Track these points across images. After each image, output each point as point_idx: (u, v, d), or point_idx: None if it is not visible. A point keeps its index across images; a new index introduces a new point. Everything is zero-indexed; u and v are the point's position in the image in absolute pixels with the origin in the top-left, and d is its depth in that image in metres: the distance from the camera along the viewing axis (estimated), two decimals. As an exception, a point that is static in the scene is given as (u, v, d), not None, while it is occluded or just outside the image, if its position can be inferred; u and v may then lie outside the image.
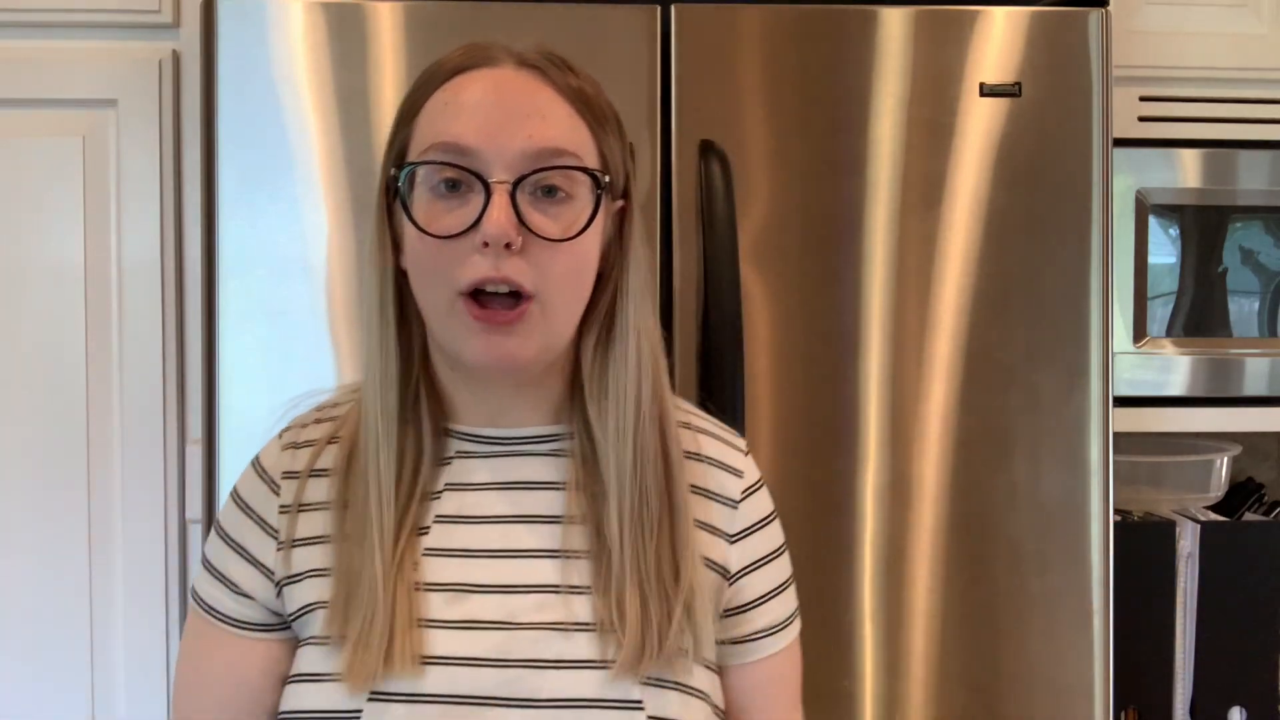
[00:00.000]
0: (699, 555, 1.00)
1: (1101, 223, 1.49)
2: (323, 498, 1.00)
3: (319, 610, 0.97)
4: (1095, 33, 1.49)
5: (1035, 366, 1.49)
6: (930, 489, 1.48)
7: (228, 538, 1.03)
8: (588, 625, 0.95)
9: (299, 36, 1.42)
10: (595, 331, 0.99)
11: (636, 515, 0.96)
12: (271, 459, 1.04)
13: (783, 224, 1.47)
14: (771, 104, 1.46)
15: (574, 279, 0.95)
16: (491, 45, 0.97)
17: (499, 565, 0.97)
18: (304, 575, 0.99)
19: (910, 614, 1.47)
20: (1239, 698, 1.76)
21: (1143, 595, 1.73)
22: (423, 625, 0.94)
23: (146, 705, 1.62)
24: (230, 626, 1.02)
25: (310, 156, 1.43)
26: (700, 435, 1.06)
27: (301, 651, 0.98)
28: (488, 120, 0.92)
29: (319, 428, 1.04)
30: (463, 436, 1.02)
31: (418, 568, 0.97)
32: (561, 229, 0.93)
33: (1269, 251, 1.81)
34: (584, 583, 0.96)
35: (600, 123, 0.97)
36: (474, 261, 0.91)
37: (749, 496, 1.05)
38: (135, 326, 1.61)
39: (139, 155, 1.61)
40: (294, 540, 1.00)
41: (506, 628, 0.95)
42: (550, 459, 1.02)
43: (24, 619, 1.62)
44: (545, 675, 0.93)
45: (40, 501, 1.62)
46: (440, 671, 0.93)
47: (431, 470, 1.00)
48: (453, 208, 0.93)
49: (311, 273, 1.43)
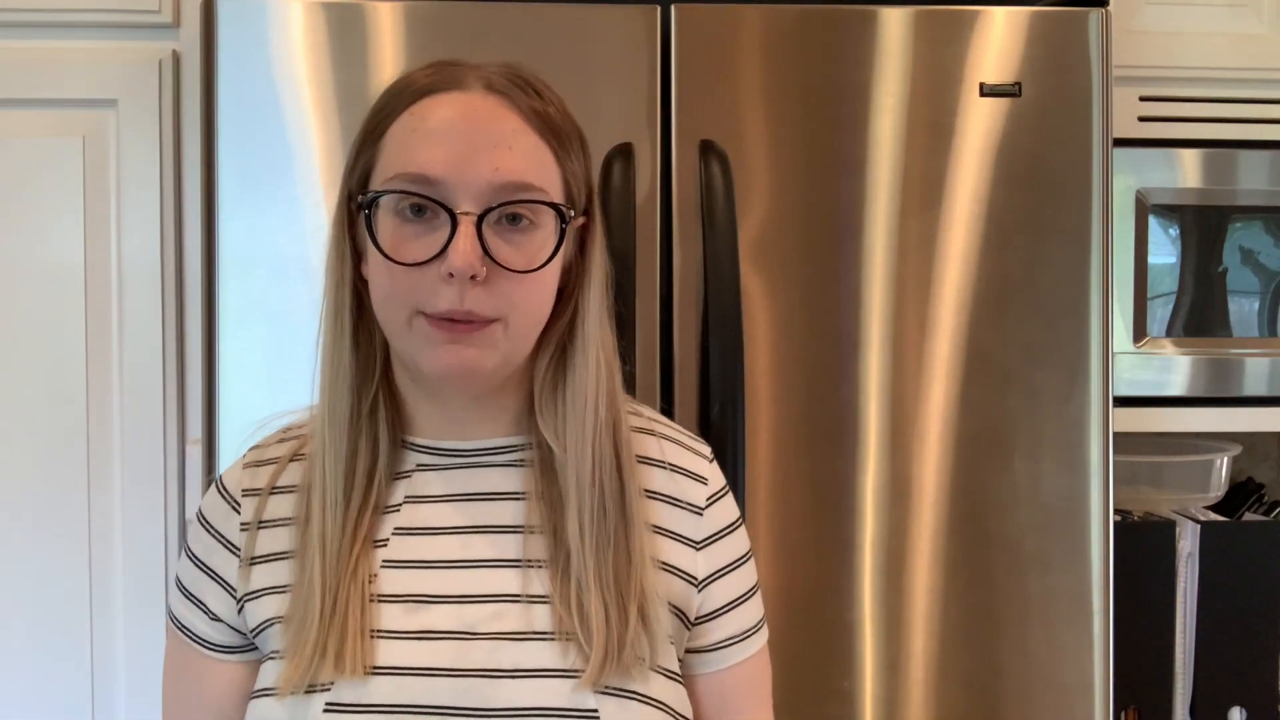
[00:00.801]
0: (655, 560, 1.00)
1: (1101, 223, 1.49)
2: (285, 514, 1.01)
3: (277, 625, 0.98)
4: (1095, 33, 1.49)
5: (1035, 366, 1.49)
6: (930, 489, 1.48)
7: (196, 559, 1.05)
8: (547, 634, 0.96)
9: (299, 36, 1.42)
10: (553, 345, 1.00)
11: (596, 523, 0.97)
12: (233, 478, 1.05)
13: (783, 224, 1.47)
14: (771, 104, 1.46)
15: (536, 304, 0.96)
16: (459, 65, 0.97)
17: (456, 576, 0.98)
18: (263, 592, 1.00)
19: (910, 614, 1.47)
20: (1239, 698, 1.76)
21: (1143, 595, 1.73)
22: (378, 636, 0.95)
23: (146, 705, 1.62)
24: (202, 648, 1.04)
25: (310, 156, 1.43)
26: (664, 442, 1.06)
27: (263, 667, 0.99)
28: (454, 150, 0.92)
29: (281, 446, 1.06)
30: (422, 449, 1.03)
31: (375, 579, 0.97)
32: (526, 259, 0.94)
33: (1269, 251, 1.81)
34: (544, 591, 0.97)
35: (565, 146, 0.97)
36: (439, 291, 0.92)
37: (714, 503, 1.05)
38: (135, 326, 1.61)
39: (139, 155, 1.61)
40: (253, 557, 1.01)
41: (463, 638, 0.95)
42: (510, 469, 1.02)
43: (24, 619, 1.62)
44: (500, 684, 0.94)
45: (40, 501, 1.62)
46: (394, 681, 0.93)
47: (388, 482, 1.01)
48: (419, 234, 0.93)
49: (311, 273, 1.42)
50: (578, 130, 1.00)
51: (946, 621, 1.48)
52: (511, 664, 0.94)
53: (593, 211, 1.01)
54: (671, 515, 1.03)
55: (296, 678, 0.93)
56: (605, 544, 0.97)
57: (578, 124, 1.00)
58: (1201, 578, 1.75)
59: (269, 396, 1.42)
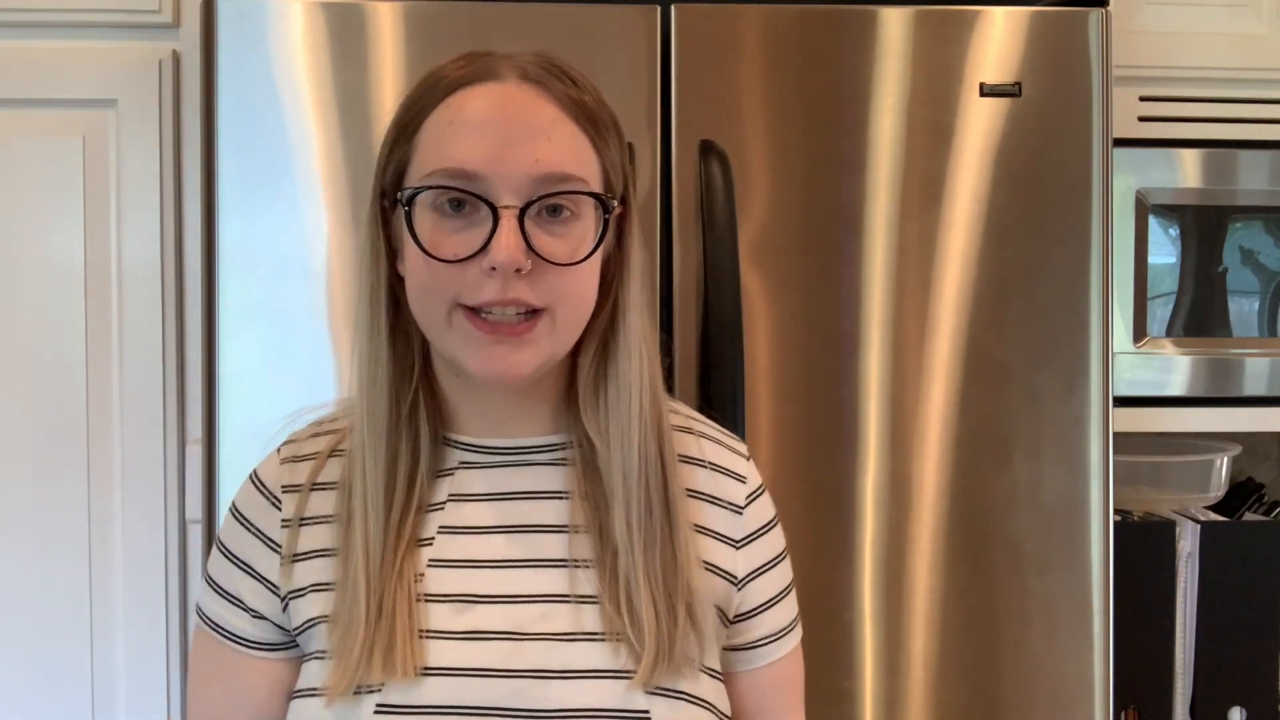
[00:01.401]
0: (699, 560, 1.00)
1: (1101, 223, 1.49)
2: (326, 511, 1.00)
3: (321, 625, 0.97)
4: (1095, 33, 1.49)
5: (1035, 366, 1.49)
6: (930, 489, 1.48)
7: (231, 555, 1.02)
8: (597, 635, 0.95)
9: (299, 36, 1.42)
10: (595, 340, 0.99)
11: (642, 521, 0.96)
12: (271, 474, 1.03)
13: (783, 224, 1.47)
14: (771, 104, 1.46)
15: (581, 296, 0.95)
16: (492, 56, 0.95)
17: (504, 575, 0.97)
18: (307, 590, 0.99)
19: (910, 614, 1.47)
20: (1239, 698, 1.76)
21: (1143, 595, 1.73)
22: (427, 636, 0.94)
23: (146, 705, 1.62)
24: (239, 646, 1.02)
25: (310, 156, 1.43)
26: (703, 440, 1.05)
27: (306, 666, 0.98)
28: (493, 143, 0.91)
29: (318, 441, 1.04)
30: (465, 447, 1.02)
31: (422, 579, 0.96)
32: (568, 251, 0.92)
33: (1269, 251, 1.81)
34: (592, 592, 0.96)
35: (602, 134, 0.96)
36: (481, 283, 0.91)
37: (753, 501, 1.05)
38: (135, 326, 1.61)
39: (139, 155, 1.61)
40: (295, 555, 1.00)
41: (512, 638, 0.94)
42: (552, 468, 1.01)
43: (24, 619, 1.62)
44: (550, 685, 0.93)
45: (40, 501, 1.62)
46: (445, 682, 0.93)
47: (431, 480, 0.99)
48: (459, 229, 0.92)
49: (311, 273, 1.43)
50: (613, 118, 0.98)
51: (946, 621, 1.48)
52: (562, 665, 0.94)
53: (630, 201, 1.00)
54: (712, 514, 1.03)
55: (345, 682, 0.92)
56: (652, 542, 0.96)
57: (613, 112, 0.98)
58: (1201, 578, 1.74)
59: (269, 396, 1.42)
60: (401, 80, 1.42)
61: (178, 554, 1.62)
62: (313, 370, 1.43)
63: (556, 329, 0.94)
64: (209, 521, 1.43)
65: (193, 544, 1.61)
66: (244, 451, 1.42)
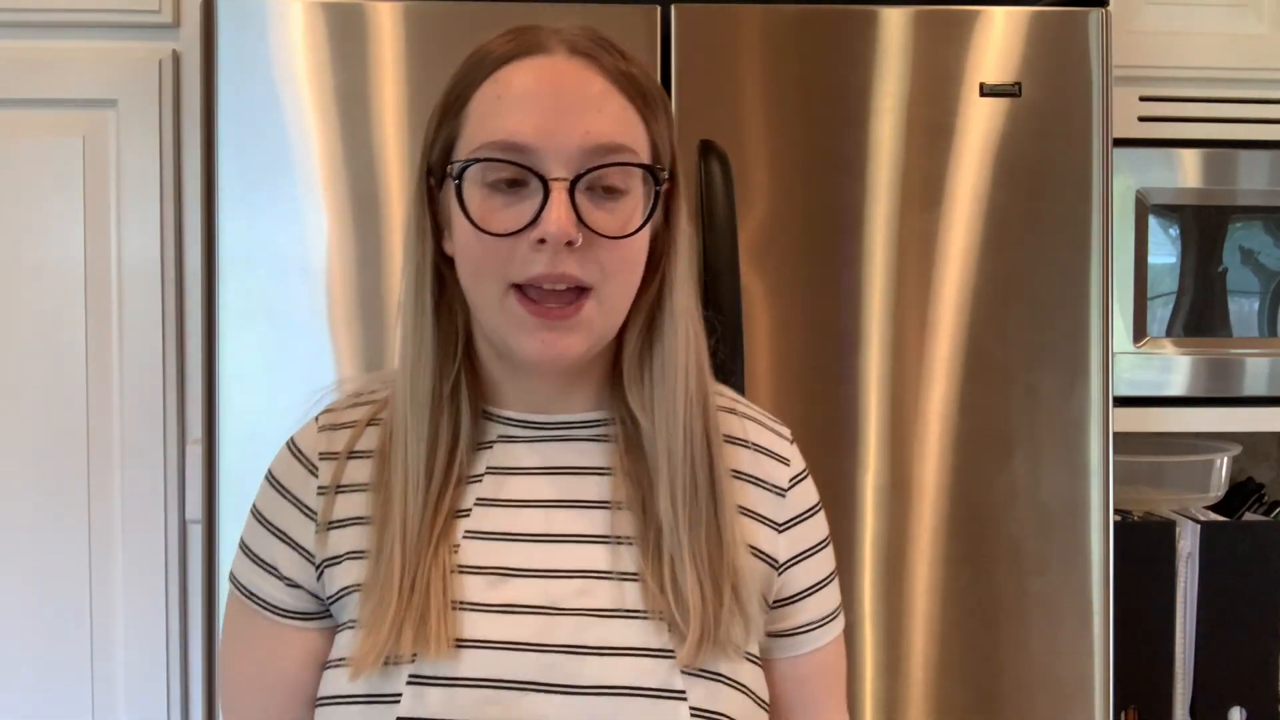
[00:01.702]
0: (743, 542, 0.99)
1: (1101, 223, 1.49)
2: (362, 479, 0.99)
3: (355, 593, 0.96)
4: (1095, 33, 1.49)
5: (1035, 366, 1.49)
6: (930, 489, 1.48)
7: (267, 522, 1.02)
8: (637, 612, 0.94)
9: (299, 36, 1.42)
10: (641, 317, 0.98)
11: (688, 500, 0.95)
12: (308, 441, 1.03)
13: (783, 224, 1.47)
14: (771, 104, 1.46)
15: (629, 271, 0.94)
16: (539, 29, 0.95)
17: (541, 550, 0.96)
18: (342, 557, 0.98)
19: (910, 614, 1.47)
20: (1239, 698, 1.76)
21: (1143, 595, 1.73)
22: (461, 608, 0.93)
23: (146, 705, 1.62)
24: (271, 614, 1.01)
25: (310, 156, 1.43)
26: (747, 421, 1.05)
27: (339, 636, 0.97)
28: (543, 115, 0.90)
29: (357, 410, 1.03)
30: (505, 421, 1.01)
31: (458, 550, 0.96)
32: (618, 225, 0.92)
33: (1269, 251, 1.81)
34: (633, 568, 0.95)
35: (650, 107, 0.95)
36: (530, 258, 0.90)
37: (797, 484, 1.04)
38: (135, 326, 1.61)
39: (139, 155, 1.61)
40: (331, 522, 0.99)
41: (547, 613, 0.94)
42: (594, 444, 1.01)
43: (24, 619, 1.62)
44: (586, 661, 0.92)
45: (40, 501, 1.62)
46: (478, 655, 0.92)
47: (470, 454, 0.99)
48: (509, 203, 0.91)
49: (311, 273, 1.43)
50: (661, 93, 0.97)
51: (946, 621, 1.48)
52: (598, 641, 0.93)
53: (677, 176, 0.98)
54: (755, 496, 1.02)
55: (373, 655, 0.91)
56: (698, 522, 0.95)
57: (661, 87, 0.98)
58: (1201, 578, 1.74)
59: (269, 396, 1.42)
60: (402, 80, 1.42)
61: (178, 554, 1.62)
62: (313, 370, 1.43)
63: (603, 308, 0.93)
64: (209, 521, 1.43)
65: (193, 544, 1.61)
66: (244, 451, 1.42)
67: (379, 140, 1.43)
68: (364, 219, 1.43)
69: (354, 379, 1.07)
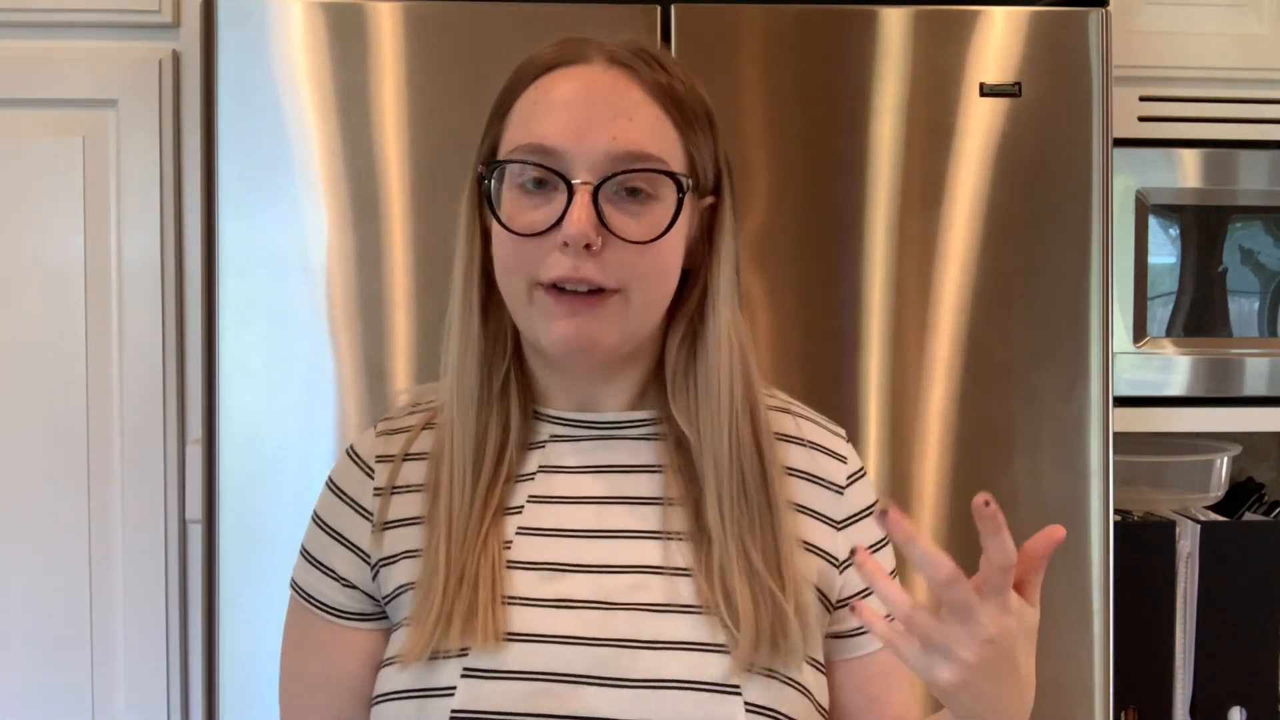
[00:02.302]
0: (801, 543, 1.00)
1: (1101, 223, 1.49)
2: (418, 480, 1.01)
3: (410, 591, 0.98)
4: (1095, 33, 1.49)
5: (1035, 366, 1.49)
6: (930, 489, 1.48)
7: (325, 526, 1.04)
8: (691, 607, 0.95)
9: (299, 36, 1.42)
10: (683, 328, 1.00)
11: (736, 508, 0.96)
12: (365, 445, 1.05)
13: (783, 224, 1.47)
14: (771, 104, 1.46)
15: (655, 277, 0.96)
16: (585, 41, 0.98)
17: (593, 545, 0.98)
18: (399, 556, 1.00)
19: (910, 614, 1.47)
20: (1239, 698, 1.76)
21: (1143, 595, 1.73)
22: (513, 603, 0.95)
23: (146, 705, 1.62)
24: (331, 616, 1.03)
25: (310, 156, 1.43)
26: (801, 420, 1.06)
27: (396, 634, 0.99)
28: (574, 121, 0.93)
29: (413, 416, 1.06)
30: (555, 420, 1.03)
31: (510, 547, 0.97)
32: (644, 230, 0.93)
33: (1269, 251, 1.81)
34: (685, 564, 0.97)
35: (689, 120, 0.97)
36: (555, 259, 0.92)
37: (854, 482, 1.05)
38: (135, 326, 1.61)
39: (139, 155, 1.61)
40: (387, 522, 1.01)
41: (601, 607, 0.95)
42: (643, 442, 1.02)
43: (24, 619, 1.62)
44: (640, 655, 0.93)
45: (40, 501, 1.62)
46: (531, 649, 0.93)
47: (521, 452, 1.01)
48: (537, 204, 0.94)
49: (311, 273, 1.43)
50: (705, 107, 0.99)
51: (946, 621, 1.48)
52: (652, 635, 0.94)
53: (724, 192, 1.00)
54: (812, 493, 1.03)
55: (419, 647, 0.93)
56: (749, 528, 0.96)
57: (707, 102, 0.99)
58: (1201, 578, 1.74)
59: (269, 396, 1.42)
60: (402, 80, 1.42)
61: (178, 554, 1.62)
62: (313, 370, 1.43)
63: (631, 309, 0.95)
64: (209, 521, 1.43)
65: (193, 544, 1.61)
66: (244, 451, 1.42)
67: (379, 140, 1.43)
68: (364, 219, 1.43)
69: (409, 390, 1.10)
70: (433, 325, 1.42)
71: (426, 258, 1.42)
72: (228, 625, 1.42)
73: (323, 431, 1.43)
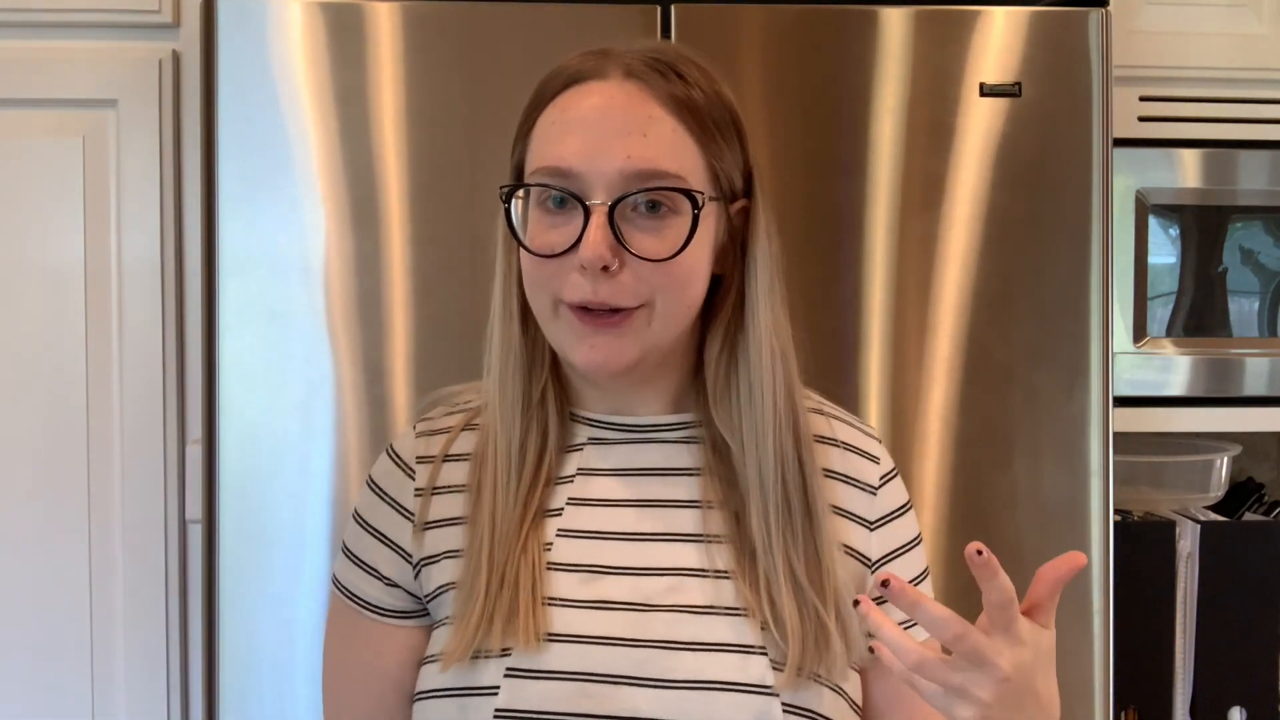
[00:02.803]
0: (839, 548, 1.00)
1: (1101, 223, 1.49)
2: (458, 480, 1.03)
3: (452, 590, 0.99)
4: (1095, 33, 1.49)
5: (1035, 366, 1.49)
6: (930, 489, 1.48)
7: (366, 525, 1.05)
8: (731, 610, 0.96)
9: (299, 36, 1.42)
10: (721, 335, 1.00)
11: (782, 519, 0.97)
12: (406, 446, 1.06)
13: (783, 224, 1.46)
14: (771, 104, 1.46)
15: (679, 290, 0.96)
16: (605, 54, 0.97)
17: (632, 548, 0.99)
18: (440, 556, 1.01)
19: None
20: (1239, 698, 1.76)
21: (1143, 595, 1.73)
22: (553, 604, 0.96)
23: (146, 705, 1.62)
24: (373, 614, 1.04)
25: (310, 156, 1.43)
26: (834, 421, 1.07)
27: (436, 633, 1.00)
28: (588, 141, 0.93)
29: (452, 417, 1.07)
30: (593, 423, 1.04)
31: (550, 548, 0.98)
32: (664, 246, 0.93)
33: (1269, 251, 1.81)
34: (727, 567, 0.97)
35: (708, 131, 0.96)
36: (575, 281, 0.93)
37: (887, 483, 1.05)
38: (135, 326, 1.61)
39: (139, 155, 1.61)
40: (428, 522, 1.02)
41: (639, 609, 0.96)
42: (681, 445, 1.03)
43: (24, 619, 1.62)
44: (680, 656, 0.94)
45: (40, 501, 1.62)
46: (572, 649, 0.94)
47: (560, 456, 1.02)
48: (558, 224, 0.94)
49: (311, 273, 1.43)
50: (729, 112, 0.99)
51: (946, 621, 1.48)
52: (691, 637, 0.95)
53: (755, 195, 1.00)
54: (846, 494, 1.03)
55: (462, 647, 0.94)
56: (793, 539, 0.97)
57: (732, 106, 0.99)
58: (1201, 578, 1.74)
59: (269, 396, 1.42)
60: (401, 80, 1.42)
61: (178, 554, 1.62)
62: (313, 370, 1.43)
63: (655, 319, 0.95)
64: (209, 521, 1.43)
65: (192, 544, 1.61)
66: (244, 451, 1.42)
67: (378, 140, 1.43)
68: (363, 219, 1.43)
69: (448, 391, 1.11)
70: (432, 325, 1.43)
71: (426, 258, 1.42)
72: (228, 625, 1.42)
73: (322, 431, 1.43)
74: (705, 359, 1.01)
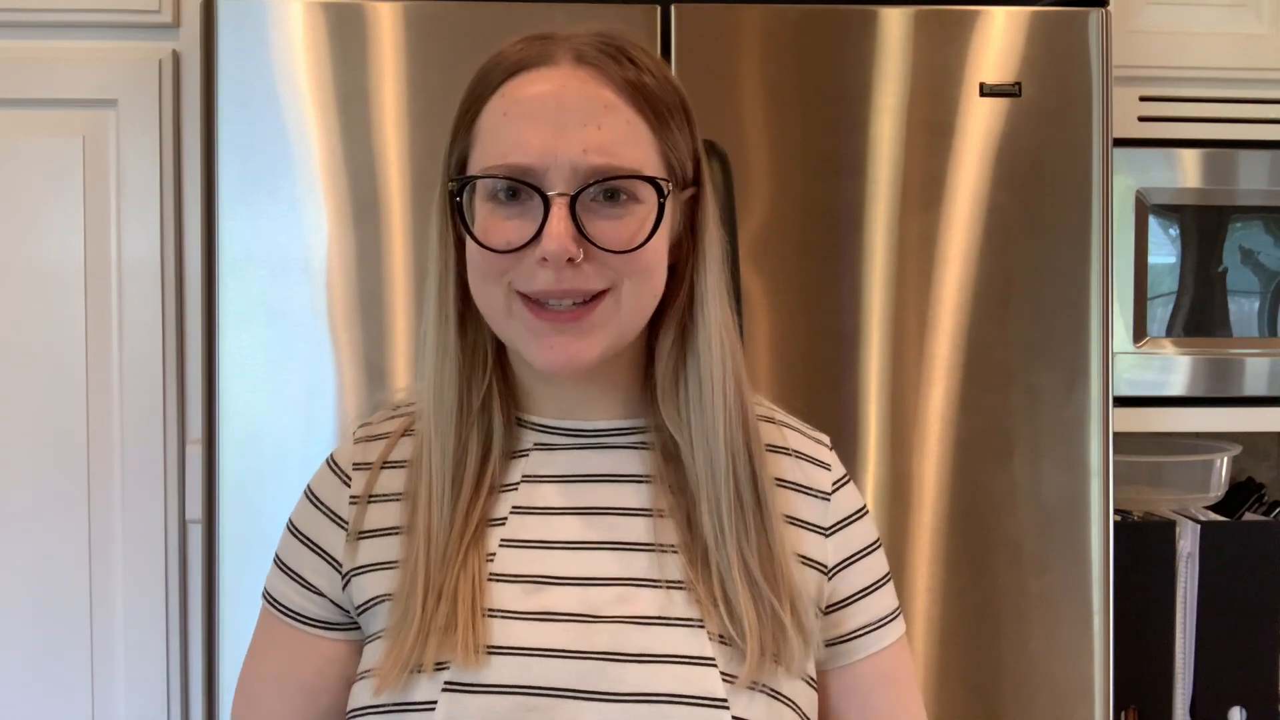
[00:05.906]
0: (797, 556, 0.98)
1: (1101, 223, 1.49)
2: (396, 489, 0.99)
3: (385, 602, 0.96)
4: (1095, 33, 1.49)
5: (1035, 366, 1.49)
6: (930, 489, 1.48)
7: (299, 533, 1.03)
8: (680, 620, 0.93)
9: (299, 36, 1.42)
10: (672, 329, 0.97)
11: (734, 513, 0.94)
12: (344, 453, 1.03)
13: (783, 224, 1.47)
14: (771, 104, 1.46)
15: (645, 276, 0.93)
16: (550, 39, 0.94)
17: (578, 557, 0.95)
18: (372, 567, 0.98)
19: (910, 614, 1.47)
20: (1239, 698, 1.76)
21: (1143, 595, 1.73)
22: (495, 616, 0.92)
23: (146, 705, 1.62)
24: (294, 621, 1.02)
25: (310, 156, 1.43)
26: (785, 429, 1.04)
27: (368, 647, 0.97)
28: (544, 133, 0.89)
29: (392, 422, 1.04)
30: (540, 428, 1.00)
31: (493, 559, 0.95)
32: (626, 237, 0.90)
33: (1269, 251, 1.81)
34: (679, 576, 0.94)
35: (661, 117, 0.93)
36: (534, 272, 0.90)
37: (840, 489, 1.03)
38: (135, 326, 1.61)
39: (139, 155, 1.61)
40: (363, 531, 0.99)
41: (586, 620, 0.93)
42: (631, 451, 0.99)
43: (24, 619, 1.62)
44: (627, 668, 0.91)
45: (40, 501, 1.62)
46: (513, 662, 0.91)
47: (504, 462, 0.98)
48: (511, 216, 0.91)
49: (311, 273, 1.43)
50: (678, 97, 0.96)
51: (946, 621, 1.48)
52: (639, 648, 0.91)
53: (703, 182, 0.97)
54: (800, 503, 1.01)
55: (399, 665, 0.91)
56: (745, 533, 0.94)
57: (680, 90, 0.96)
58: (1201, 578, 1.74)
59: (269, 396, 1.42)
60: (401, 80, 1.42)
61: (178, 554, 1.62)
62: (313, 370, 1.43)
63: (621, 308, 0.92)
64: (209, 521, 1.43)
65: (192, 544, 1.61)
66: (244, 451, 1.42)
67: (379, 140, 1.43)
68: (364, 219, 1.43)
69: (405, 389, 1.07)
70: (433, 325, 1.43)
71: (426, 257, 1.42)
72: (228, 625, 1.42)
73: (323, 432, 1.43)
74: (656, 353, 0.97)
